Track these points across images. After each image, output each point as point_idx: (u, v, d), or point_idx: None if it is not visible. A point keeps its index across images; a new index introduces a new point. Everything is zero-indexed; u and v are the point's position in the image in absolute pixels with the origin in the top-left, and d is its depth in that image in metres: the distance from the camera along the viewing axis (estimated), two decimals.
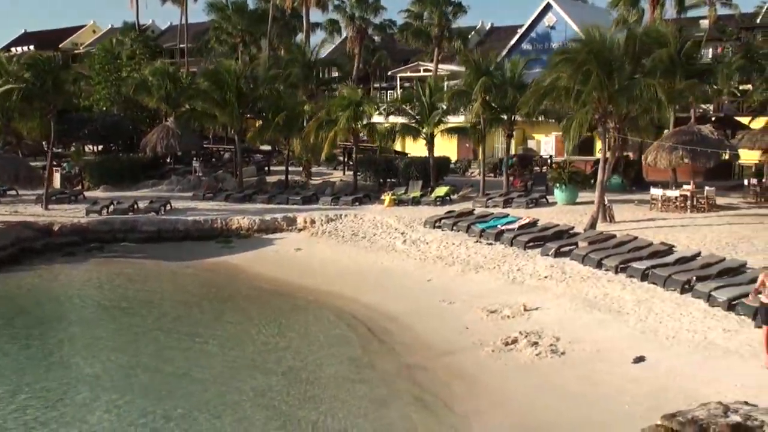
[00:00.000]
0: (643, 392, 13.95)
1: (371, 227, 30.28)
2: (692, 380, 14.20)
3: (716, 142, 29.80)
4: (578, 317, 18.47)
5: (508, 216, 28.68)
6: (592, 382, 14.75)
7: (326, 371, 16.68)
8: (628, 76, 26.22)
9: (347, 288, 23.08)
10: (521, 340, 17.22)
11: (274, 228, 31.76)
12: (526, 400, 14.37)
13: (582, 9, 52.27)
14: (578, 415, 13.52)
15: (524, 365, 15.97)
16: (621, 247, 22.94)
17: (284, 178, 39.93)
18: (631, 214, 29.27)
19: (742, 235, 24.54)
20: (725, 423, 11.89)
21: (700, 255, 21.51)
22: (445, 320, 19.40)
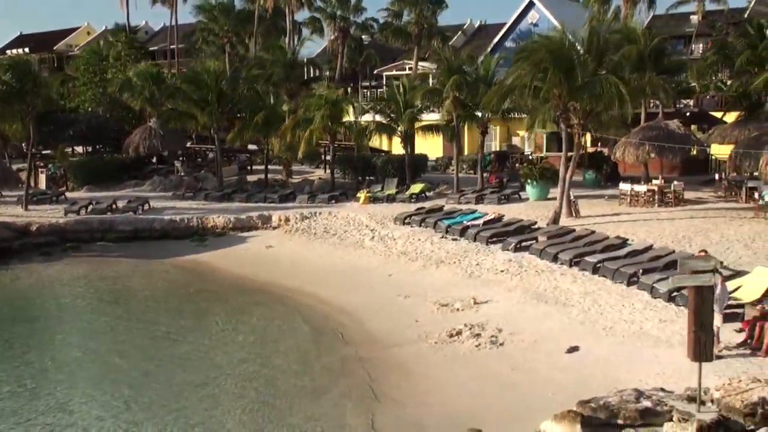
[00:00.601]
0: (570, 380, 14.37)
1: (343, 224, 30.74)
2: (618, 368, 14.63)
3: (683, 138, 30.09)
4: (525, 309, 18.89)
5: (475, 212, 29.13)
6: (525, 371, 15.19)
7: (273, 363, 17.16)
8: (591, 72, 26.56)
9: (309, 284, 23.54)
10: (465, 332, 17.67)
11: (249, 226, 32.27)
12: (459, 389, 14.80)
13: (564, 6, 52.52)
14: (505, 402, 13.96)
15: (463, 356, 16.41)
16: (577, 242, 23.35)
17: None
18: (599, 209, 29.63)
19: (701, 229, 24.87)
20: (634, 408, 12.33)
21: (651, 248, 21.89)
22: (398, 314, 19.84)
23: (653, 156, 30.10)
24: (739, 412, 11.96)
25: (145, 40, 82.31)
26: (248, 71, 41.60)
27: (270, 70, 42.51)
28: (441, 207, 30.92)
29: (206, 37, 56.28)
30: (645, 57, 32.59)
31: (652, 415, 12.30)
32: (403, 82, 36.19)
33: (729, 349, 15.08)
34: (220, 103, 37.80)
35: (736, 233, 23.92)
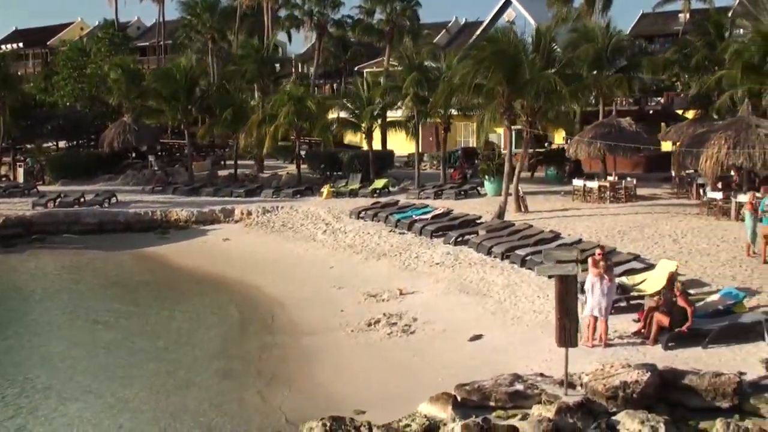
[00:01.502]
0: (465, 366, 14.94)
1: (302, 218, 31.41)
2: (511, 355, 15.22)
3: (634, 135, 30.61)
4: (445, 300, 19.50)
5: (426, 207, 29.71)
6: (425, 358, 15.80)
7: (195, 348, 17.82)
8: (538, 71, 27.07)
9: (252, 275, 24.22)
10: (382, 321, 18.32)
11: (211, 220, 32.97)
12: (360, 374, 15.43)
13: (540, 4, 52.99)
14: (398, 386, 14.55)
15: (374, 344, 17.04)
16: (513, 236, 23.91)
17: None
18: (550, 205, 30.20)
19: (640, 224, 25.39)
20: (504, 391, 12.97)
21: (580, 242, 22.45)
22: (327, 304, 20.47)
23: (605, 153, 30.69)
24: (602, 395, 12.58)
25: (136, 36, 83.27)
26: (225, 67, 42.26)
27: (243, 66, 43.17)
28: (396, 202, 31.55)
29: (189, 34, 56.88)
30: (602, 55, 33.11)
31: (522, 398, 12.93)
32: (367, 79, 36.82)
33: (622, 338, 15.66)
34: (190, 99, 38.45)
35: (672, 228, 24.43)
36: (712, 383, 12.74)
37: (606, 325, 15.18)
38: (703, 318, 15.41)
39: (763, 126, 25.85)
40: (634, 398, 12.44)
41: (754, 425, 12.10)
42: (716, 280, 18.59)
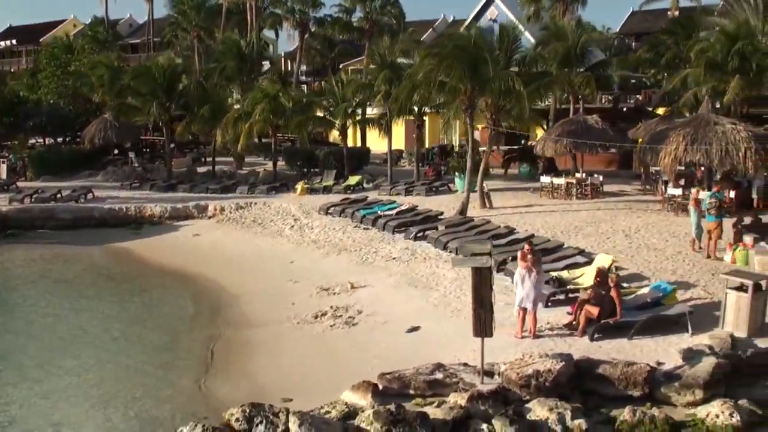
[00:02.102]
0: (398, 357, 15.31)
1: (273, 214, 31.82)
2: (444, 346, 15.60)
3: (600, 132, 30.98)
4: (393, 293, 19.89)
5: (393, 203, 30.12)
6: (361, 349, 16.20)
7: (142, 339, 18.24)
8: (502, 69, 27.42)
9: (213, 269, 24.64)
10: (329, 313, 18.72)
11: (185, 215, 33.40)
12: (295, 364, 15.84)
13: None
14: (330, 375, 14.92)
15: (316, 335, 17.45)
16: (469, 231, 24.30)
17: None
18: (517, 201, 30.62)
19: (598, 219, 25.80)
20: (423, 380, 13.38)
21: (532, 237, 22.84)
22: (280, 297, 20.86)
23: (572, 150, 31.08)
24: (516, 383, 12.99)
25: (128, 33, 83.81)
26: (205, 64, 42.67)
27: (223, 63, 43.57)
28: (365, 198, 31.98)
29: (176, 32, 57.30)
30: (571, 53, 33.46)
31: (441, 386, 13.34)
32: (341, 77, 37.21)
33: (554, 329, 16.05)
34: (169, 96, 38.86)
35: (628, 224, 24.84)
36: (624, 372, 13.16)
37: (535, 317, 15.57)
38: (631, 310, 15.80)
39: (720, 123, 26.20)
40: (546, 386, 12.85)
41: (661, 413, 12.50)
42: (656, 274, 18.99)
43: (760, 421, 12.50)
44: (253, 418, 12.25)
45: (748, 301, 14.95)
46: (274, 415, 12.30)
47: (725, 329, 15.19)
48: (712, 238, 20.16)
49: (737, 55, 29.14)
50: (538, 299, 15.56)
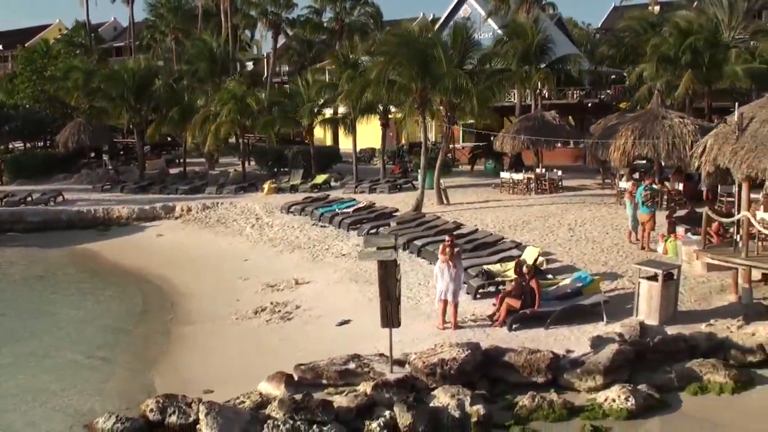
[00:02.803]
0: (323, 349, 15.67)
1: (237, 214, 32.30)
2: (367, 338, 15.97)
3: (557, 128, 31.46)
4: (335, 289, 20.36)
5: (352, 201, 30.60)
6: (290, 342, 16.65)
7: (85, 335, 18.68)
8: (455, 67, 27.84)
9: (170, 268, 25.10)
10: (268, 309, 19.20)
11: (152, 216, 33.91)
12: (225, 358, 16.27)
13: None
14: (255, 367, 15.14)
15: (251, 330, 17.94)
16: (419, 227, 24.78)
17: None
18: (476, 197, 31.10)
19: (548, 214, 26.25)
20: (335, 370, 13.86)
21: (476, 231, 23.34)
22: (227, 294, 21.32)
23: (529, 146, 31.56)
24: (423, 372, 13.47)
25: (112, 37, 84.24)
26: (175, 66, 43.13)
27: (194, 65, 44.03)
28: (327, 196, 32.46)
29: (154, 35, 57.73)
30: (529, 51, 33.92)
31: (352, 376, 13.81)
32: (306, 77, 37.68)
33: (477, 320, 16.52)
34: (139, 99, 39.33)
35: (576, 218, 25.29)
36: (528, 360, 13.65)
37: (455, 309, 16.04)
38: (550, 301, 16.27)
39: (668, 117, 26.68)
40: (451, 374, 13.32)
41: (560, 398, 12.98)
42: (588, 266, 19.47)
43: (657, 405, 12.99)
44: (167, 409, 12.76)
45: (659, 290, 15.43)
46: (187, 406, 12.80)
47: (638, 317, 15.68)
48: (646, 229, 20.63)
49: (689, 49, 29.61)
50: (457, 291, 16.01)
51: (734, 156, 16.11)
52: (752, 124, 16.15)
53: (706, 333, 14.90)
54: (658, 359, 14.22)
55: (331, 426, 12.04)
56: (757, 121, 16.10)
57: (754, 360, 14.29)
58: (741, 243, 16.38)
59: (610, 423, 12.50)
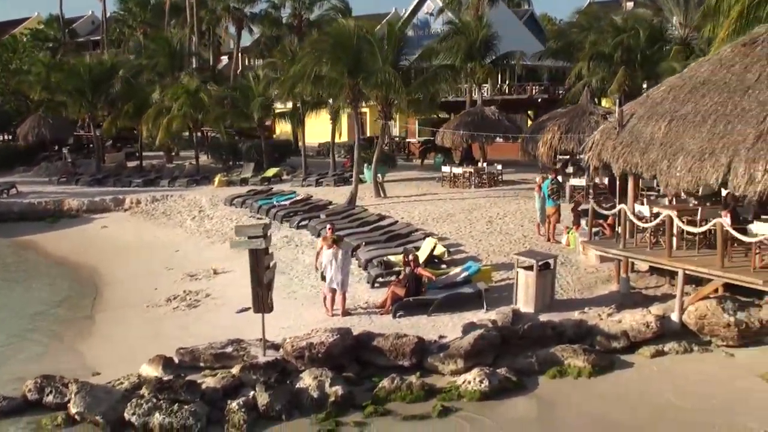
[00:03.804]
0: (216, 334, 16.22)
1: (183, 206, 32.94)
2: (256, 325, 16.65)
3: (495, 123, 32.14)
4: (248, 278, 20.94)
5: (292, 193, 31.26)
6: (189, 329, 17.26)
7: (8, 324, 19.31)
8: (390, 63, 28.44)
9: (103, 259, 25.79)
10: (180, 297, 19.86)
11: (102, 208, 34.49)
12: (123, 343, 16.87)
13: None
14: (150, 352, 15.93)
15: (157, 317, 18.61)
16: (345, 219, 25.47)
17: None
18: (416, 190, 31.77)
19: (475, 207, 26.89)
20: (211, 353, 14.54)
21: (395, 224, 24.04)
22: (150, 283, 21.96)
23: (465, 140, 32.24)
24: (292, 355, 14.15)
25: (90, 30, 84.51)
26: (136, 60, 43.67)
27: (154, 60, 44.60)
28: (269, 189, 33.11)
29: (121, 28, 58.19)
30: (473, 47, 34.56)
31: (227, 359, 14.47)
32: (257, 72, 38.27)
33: (367, 308, 17.16)
34: (95, 94, 39.88)
35: (499, 211, 25.95)
36: (394, 344, 14.33)
37: (344, 297, 16.69)
38: (434, 289, 16.94)
39: (595, 113, 27.36)
40: (319, 357, 13.99)
41: (418, 380, 13.66)
42: (491, 257, 20.16)
43: (513, 387, 13.65)
44: (44, 389, 13.46)
45: (534, 279, 16.12)
46: (63, 386, 13.48)
47: (516, 306, 16.38)
48: (551, 222, 21.31)
49: (621, 47, 30.28)
50: (344, 281, 16.64)
51: (613, 151, 16.78)
52: (631, 121, 16.79)
53: (576, 320, 15.60)
54: (526, 345, 14.89)
55: (194, 405, 12.67)
56: (636, 117, 16.73)
57: (618, 346, 14.98)
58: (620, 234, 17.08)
59: (463, 404, 13.16)
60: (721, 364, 14.42)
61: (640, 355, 14.82)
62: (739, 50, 15.80)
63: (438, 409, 12.89)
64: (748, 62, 15.18)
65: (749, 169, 13.05)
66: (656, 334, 15.02)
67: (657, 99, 16.73)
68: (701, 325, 15.11)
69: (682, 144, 14.82)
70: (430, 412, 12.86)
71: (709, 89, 15.42)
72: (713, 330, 15.01)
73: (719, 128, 14.17)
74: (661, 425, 12.43)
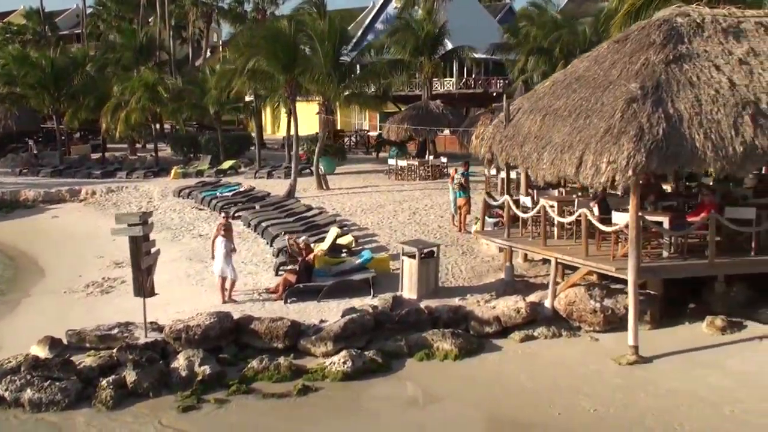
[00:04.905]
0: (119, 317, 16.96)
1: (135, 197, 33.70)
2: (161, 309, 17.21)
3: (438, 116, 32.80)
4: (168, 266, 21.39)
5: (236, 185, 31.99)
6: (91, 313, 17.80)
7: None
8: (330, 59, 29.09)
9: (41, 247, 26.58)
10: (98, 283, 20.61)
11: (58, 199, 35.21)
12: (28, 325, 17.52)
13: None
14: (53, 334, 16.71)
15: (72, 301, 19.36)
16: (276, 210, 26.20)
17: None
18: (360, 182, 32.53)
19: (405, 199, 27.61)
20: (96, 335, 15.29)
21: (319, 214, 24.75)
22: (77, 270, 22.62)
23: (408, 134, 32.93)
24: (171, 337, 14.88)
25: (75, 23, 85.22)
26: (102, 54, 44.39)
27: (119, 53, 45.32)
28: (218, 181, 33.86)
29: (97, 22, 58.89)
30: (419, 43, 35.21)
31: (111, 340, 15.17)
32: (212, 65, 38.97)
33: (261, 294, 17.87)
34: (58, 86, 40.63)
35: (427, 203, 26.63)
36: (269, 328, 15.06)
37: (233, 283, 17.43)
38: (326, 276, 17.66)
39: None
40: (195, 339, 14.70)
41: (286, 361, 14.36)
42: (400, 247, 20.81)
43: (378, 368, 14.36)
44: None
45: (417, 267, 16.82)
46: None
47: (402, 292, 17.09)
48: (462, 213, 22.00)
49: (558, 42, 30.91)
50: (224, 269, 17.36)
51: (499, 144, 17.45)
52: (517, 115, 17.46)
53: (453, 306, 16.31)
54: (402, 329, 15.61)
55: (66, 382, 13.40)
56: (521, 112, 17.39)
57: (491, 330, 15.67)
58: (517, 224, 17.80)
59: (326, 384, 13.88)
60: (583, 349, 15.12)
61: (511, 340, 15.53)
62: (612, 47, 16.47)
63: (298, 387, 13.60)
64: (616, 59, 15.83)
65: (596, 161, 13.70)
66: (526, 319, 15.71)
67: (540, 94, 17.42)
68: (570, 311, 15.81)
69: (550, 137, 15.46)
70: (291, 391, 13.57)
71: (581, 84, 16.08)
72: (581, 316, 15.70)
73: (580, 122, 14.81)
74: (505, 403, 13.13)
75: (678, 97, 14.10)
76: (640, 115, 13.71)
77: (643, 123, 13.56)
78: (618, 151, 13.41)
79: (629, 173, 13.20)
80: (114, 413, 12.96)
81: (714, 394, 12.83)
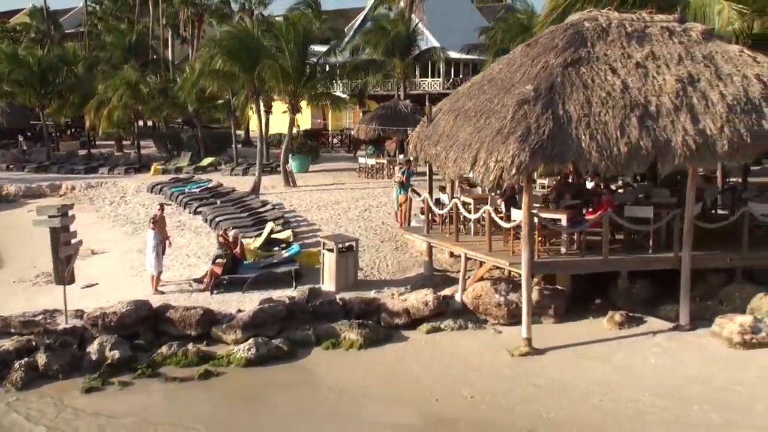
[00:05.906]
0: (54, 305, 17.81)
1: (112, 193, 34.56)
2: (95, 298, 18.16)
3: (406, 116, 33.41)
4: (119, 258, 22.57)
5: (205, 181, 32.81)
6: (33, 300, 18.66)
7: None
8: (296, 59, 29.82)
9: (8, 238, 27.49)
10: (48, 273, 21.42)
11: (39, 194, 36.20)
12: None
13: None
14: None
15: (17, 290, 20.26)
16: (233, 205, 26.97)
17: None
18: (330, 180, 33.22)
19: (364, 196, 28.19)
20: (19, 321, 16.08)
21: (272, 210, 25.46)
22: (34, 261, 23.38)
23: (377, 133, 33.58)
24: (88, 323, 15.65)
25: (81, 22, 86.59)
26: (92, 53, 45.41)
27: (110, 52, 46.34)
28: (190, 177, 34.69)
29: (94, 21, 59.98)
30: (390, 44, 35.84)
31: (34, 326, 15.90)
32: (192, 64, 39.83)
33: (192, 285, 18.59)
34: (44, 84, 41.70)
35: (385, 200, 27.07)
36: (183, 316, 15.81)
37: (158, 274, 18.23)
38: (251, 268, 18.38)
39: None
40: (112, 326, 15.48)
41: (194, 347, 15.08)
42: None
43: (282, 355, 15.08)
44: None
45: (335, 260, 17.49)
46: None
47: (322, 284, 17.76)
48: (402, 209, 22.59)
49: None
50: (154, 262, 18.14)
51: (420, 143, 18.09)
52: (438, 115, 18.07)
53: (366, 298, 16.97)
54: (315, 319, 16.30)
55: None
56: (441, 112, 18.00)
57: (400, 322, 16.34)
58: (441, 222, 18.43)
59: (230, 369, 14.61)
60: (484, 340, 15.72)
61: (418, 331, 16.17)
62: (523, 50, 17.04)
63: (200, 372, 14.33)
64: (523, 62, 16.39)
65: (486, 159, 14.30)
66: (434, 312, 16.33)
67: (460, 95, 18.01)
68: (477, 304, 16.42)
69: (457, 137, 16.06)
70: (193, 375, 14.30)
71: (491, 86, 16.66)
72: (487, 309, 16.32)
73: (480, 123, 15.40)
74: (391, 390, 13.75)
75: (570, 98, 14.64)
76: (529, 116, 14.28)
77: (531, 124, 14.13)
78: (505, 151, 13.99)
79: (513, 171, 13.76)
80: (22, 393, 13.76)
81: (592, 385, 13.39)
